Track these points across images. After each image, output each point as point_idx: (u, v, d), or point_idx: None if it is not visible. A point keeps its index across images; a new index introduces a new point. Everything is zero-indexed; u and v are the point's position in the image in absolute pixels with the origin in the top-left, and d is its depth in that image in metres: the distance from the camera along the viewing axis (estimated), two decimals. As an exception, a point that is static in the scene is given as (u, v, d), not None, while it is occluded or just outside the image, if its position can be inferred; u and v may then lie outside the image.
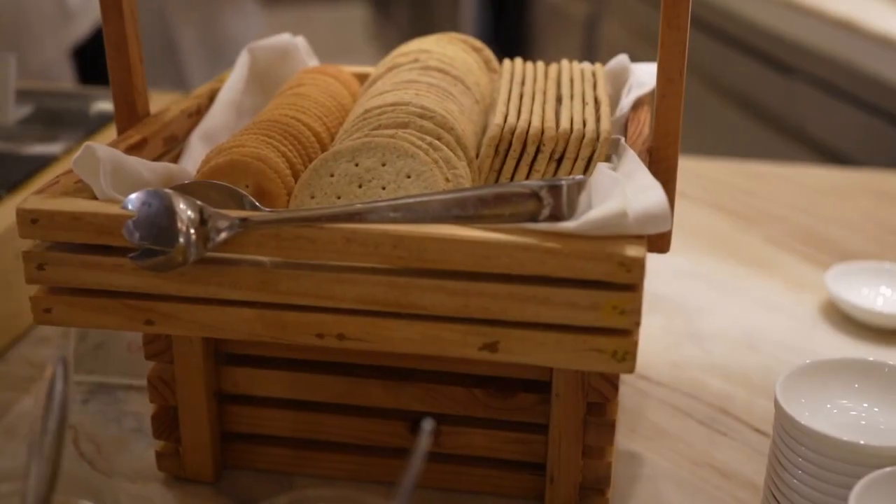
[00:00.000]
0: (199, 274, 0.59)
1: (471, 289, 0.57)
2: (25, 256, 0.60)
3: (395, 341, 0.59)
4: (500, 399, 0.67)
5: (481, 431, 0.68)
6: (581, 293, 0.57)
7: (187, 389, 0.68)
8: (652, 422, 0.78)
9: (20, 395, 0.79)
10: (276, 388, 0.69)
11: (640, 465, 0.74)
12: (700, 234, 1.08)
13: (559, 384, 0.64)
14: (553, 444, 0.66)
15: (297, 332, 0.60)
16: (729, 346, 0.88)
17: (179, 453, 0.70)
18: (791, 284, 0.98)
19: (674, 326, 0.91)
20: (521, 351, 0.58)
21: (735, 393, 0.81)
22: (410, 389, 0.67)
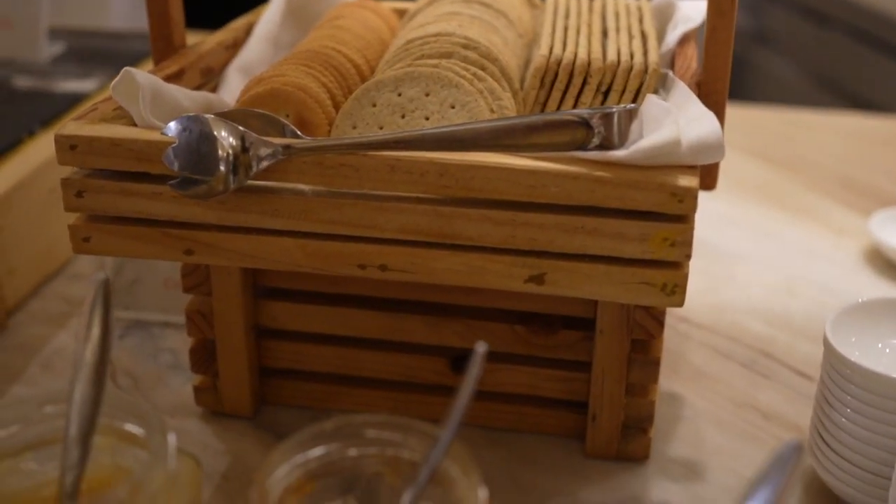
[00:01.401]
0: (240, 202, 0.58)
1: (517, 219, 0.56)
2: (64, 183, 0.60)
3: (438, 273, 0.58)
4: (542, 336, 0.66)
5: (523, 369, 0.67)
6: (630, 224, 0.55)
7: (225, 323, 0.67)
8: (692, 364, 0.77)
9: (56, 331, 0.79)
10: (315, 322, 0.68)
11: (681, 405, 0.73)
12: (739, 180, 1.06)
13: (603, 321, 0.63)
14: (596, 381, 0.65)
15: (338, 263, 0.59)
16: (769, 291, 0.86)
17: (217, 388, 0.70)
18: (832, 230, 0.96)
19: (714, 270, 0.89)
20: (568, 283, 0.57)
21: (776, 336, 0.80)
22: (451, 325, 0.67)
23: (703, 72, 0.66)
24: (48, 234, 0.84)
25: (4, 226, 0.78)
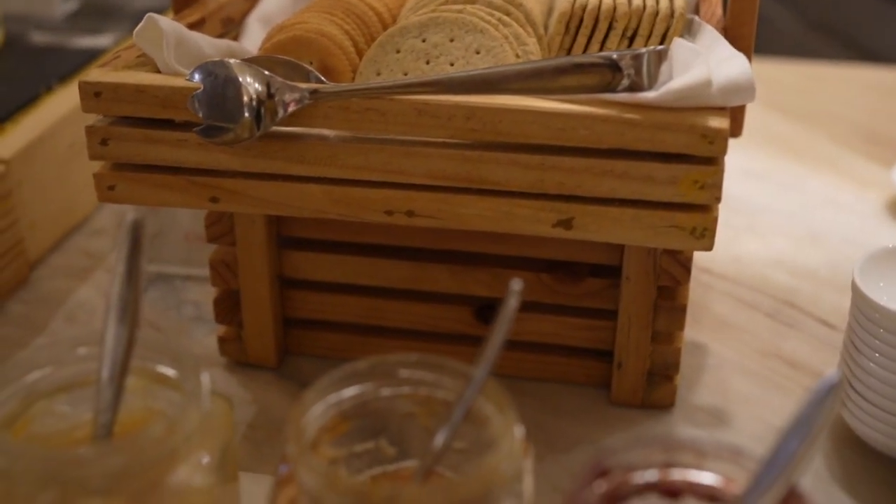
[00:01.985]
0: (266, 149, 0.58)
1: (546, 163, 0.56)
2: (88, 131, 0.59)
3: (465, 218, 0.58)
4: (568, 284, 0.66)
5: (548, 317, 0.67)
6: (660, 167, 0.55)
7: (249, 273, 0.67)
8: (716, 314, 0.77)
9: (78, 284, 0.79)
10: (339, 272, 0.68)
11: (706, 355, 0.72)
12: (760, 133, 1.05)
13: (630, 267, 0.63)
14: (622, 329, 0.65)
15: (364, 209, 0.59)
16: (792, 242, 0.86)
17: (241, 338, 0.70)
18: (855, 182, 0.96)
19: (735, 222, 0.89)
20: (597, 228, 0.57)
21: (800, 286, 0.80)
22: (476, 274, 0.66)
23: (728, 17, 0.66)
24: (68, 189, 0.84)
25: (24, 180, 0.78)
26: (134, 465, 0.41)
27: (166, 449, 0.42)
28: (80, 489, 0.40)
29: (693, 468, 0.41)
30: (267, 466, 0.61)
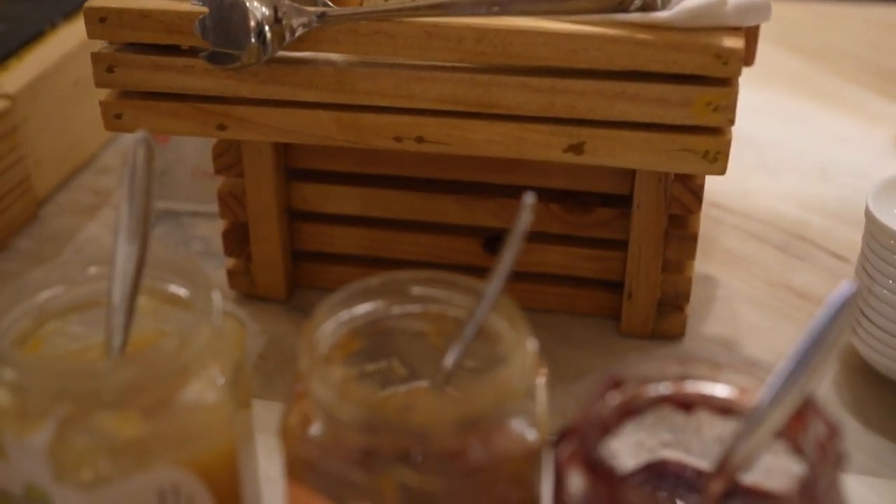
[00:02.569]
0: (273, 74, 0.57)
1: (557, 85, 0.55)
2: (94, 58, 0.59)
3: (475, 144, 0.58)
4: (578, 214, 0.65)
5: (558, 248, 0.67)
6: (673, 88, 0.54)
7: (258, 205, 0.67)
8: (726, 247, 0.76)
9: (86, 221, 0.79)
10: (347, 204, 0.67)
11: (716, 287, 0.72)
12: (768, 70, 1.04)
13: (640, 195, 0.62)
14: (632, 259, 0.64)
15: (374, 135, 0.58)
16: (803, 177, 0.85)
17: (250, 271, 0.70)
18: (866, 118, 0.95)
19: (745, 157, 0.88)
20: (608, 152, 0.56)
21: (811, 220, 0.79)
22: (485, 205, 0.66)
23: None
24: (74, 127, 0.83)
25: (30, 115, 0.77)
26: (146, 379, 0.41)
27: (178, 364, 0.42)
28: (93, 403, 0.40)
29: (707, 381, 0.41)
30: (278, 395, 0.60)
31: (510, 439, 0.40)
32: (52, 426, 0.40)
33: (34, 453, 0.40)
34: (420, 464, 0.39)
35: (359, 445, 0.39)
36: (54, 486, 0.41)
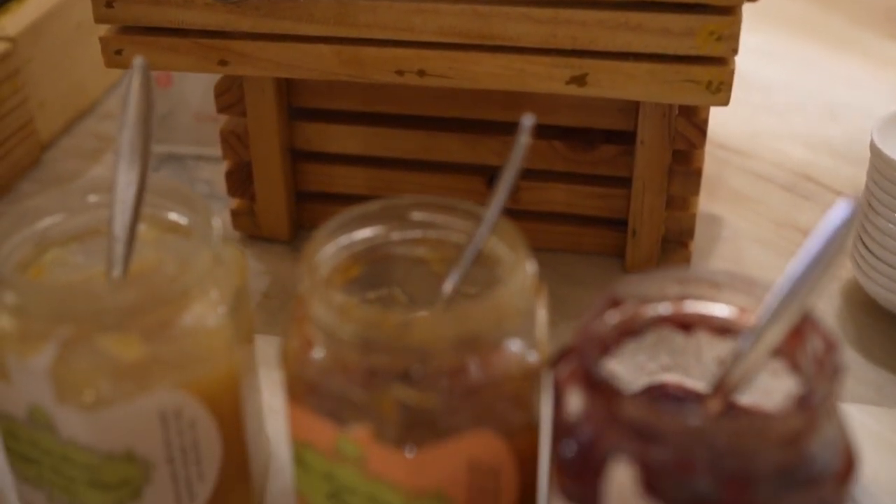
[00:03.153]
0: (274, 8, 0.57)
1: (558, 16, 0.55)
2: (94, -7, 0.58)
3: (478, 77, 0.57)
4: (581, 151, 0.65)
5: (561, 186, 0.66)
6: (676, 18, 0.54)
7: (260, 144, 0.67)
8: (732, 188, 0.76)
9: (90, 165, 0.79)
10: (350, 143, 0.67)
11: (722, 226, 0.72)
12: (775, 14, 1.03)
13: (644, 131, 0.62)
14: (636, 195, 0.64)
15: (375, 69, 0.58)
16: (810, 118, 0.85)
17: (254, 212, 0.70)
18: (873, 60, 0.94)
19: (751, 99, 0.87)
20: (610, 84, 0.56)
21: (817, 160, 0.79)
22: (488, 143, 0.66)
23: None
24: (77, 71, 0.83)
25: (32, 58, 0.77)
26: (146, 301, 0.41)
27: (178, 287, 0.42)
28: (94, 325, 0.41)
29: (707, 300, 0.41)
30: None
31: (509, 359, 0.40)
32: (53, 348, 0.40)
33: (36, 375, 0.41)
34: (419, 382, 0.39)
35: (359, 365, 0.40)
36: (57, 408, 0.41)
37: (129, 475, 0.43)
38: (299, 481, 0.44)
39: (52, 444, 0.43)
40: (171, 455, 0.43)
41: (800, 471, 0.36)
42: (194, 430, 0.44)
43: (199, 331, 0.42)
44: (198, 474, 0.45)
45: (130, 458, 0.43)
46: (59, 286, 0.40)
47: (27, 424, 0.43)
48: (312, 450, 0.42)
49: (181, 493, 0.45)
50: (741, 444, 0.34)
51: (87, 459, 0.42)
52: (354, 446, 0.40)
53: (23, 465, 0.44)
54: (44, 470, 0.44)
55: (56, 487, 0.44)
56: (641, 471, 0.35)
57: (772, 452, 0.35)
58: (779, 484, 0.35)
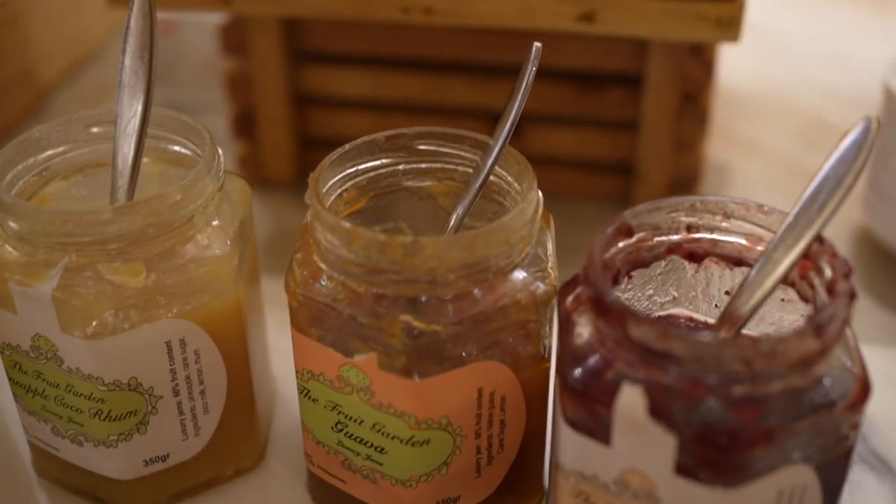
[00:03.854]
0: (278, -56, 0.56)
1: (567, -50, 0.54)
2: (95, -71, 0.57)
3: (484, 15, 0.56)
4: (588, 94, 0.64)
5: (569, 131, 0.66)
6: (686, -48, 0.53)
7: (265, 88, 0.66)
8: (742, 134, 0.75)
9: (93, 111, 0.78)
10: (356, 87, 0.67)
11: (731, 173, 0.71)
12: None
13: (652, 72, 0.61)
14: (644, 138, 0.64)
15: (379, 7, 0.57)
16: (820, 65, 0.84)
17: (259, 157, 0.69)
18: (885, 9, 0.93)
19: (762, 46, 0.86)
20: (619, 21, 0.55)
21: (828, 107, 0.78)
22: (495, 86, 0.65)
23: None
24: (78, 18, 0.82)
25: (32, 3, 0.76)
26: (151, 228, 0.40)
27: (182, 214, 0.41)
28: (99, 253, 0.40)
29: (718, 231, 0.41)
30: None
31: (518, 288, 0.40)
32: (57, 276, 0.40)
33: (40, 304, 0.40)
34: (426, 309, 0.39)
35: (365, 292, 0.39)
36: (61, 337, 0.41)
37: (134, 406, 0.43)
38: (305, 413, 0.44)
39: (56, 374, 0.42)
40: (177, 386, 0.43)
41: (810, 396, 0.35)
42: (200, 360, 0.43)
43: (203, 260, 0.42)
44: (203, 407, 0.45)
45: (136, 388, 0.42)
46: (62, 212, 0.40)
47: (32, 355, 0.42)
48: (318, 380, 0.42)
49: (187, 426, 0.45)
50: (752, 368, 0.34)
51: (92, 390, 0.42)
52: (361, 375, 0.40)
53: (28, 397, 0.44)
54: (49, 402, 0.44)
55: (62, 420, 0.44)
56: (651, 395, 0.35)
57: (782, 376, 0.34)
58: (789, 409, 0.35)
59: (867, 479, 0.48)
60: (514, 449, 0.43)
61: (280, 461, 0.49)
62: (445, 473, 0.42)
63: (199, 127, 0.44)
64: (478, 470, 0.43)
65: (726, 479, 0.35)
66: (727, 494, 0.35)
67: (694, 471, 0.35)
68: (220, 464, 0.47)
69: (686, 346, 0.34)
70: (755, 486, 0.35)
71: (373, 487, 0.43)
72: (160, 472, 0.45)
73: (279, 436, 0.50)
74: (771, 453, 0.35)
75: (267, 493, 0.47)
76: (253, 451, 0.48)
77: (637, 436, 0.35)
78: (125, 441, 0.43)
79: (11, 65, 0.74)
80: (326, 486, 0.45)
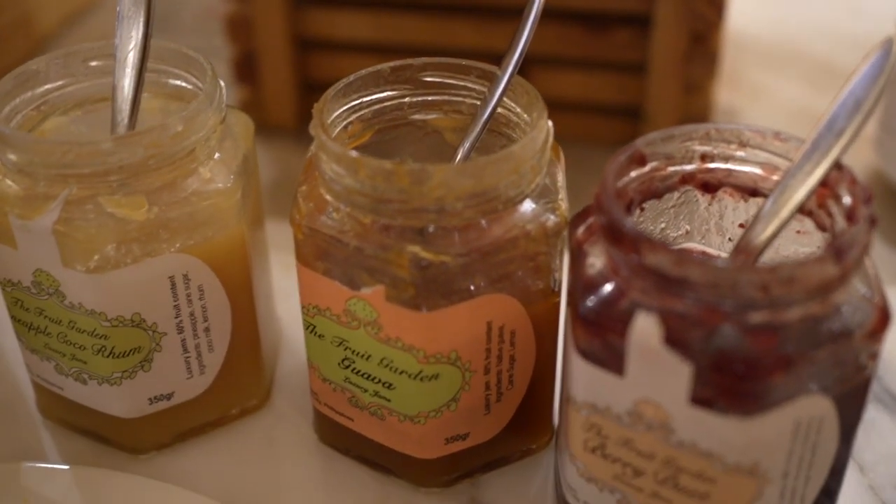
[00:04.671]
0: None
1: None
2: None
3: (491, -50, 0.55)
4: (596, 36, 0.63)
5: (575, 73, 0.65)
6: None
7: (267, 31, 0.65)
8: (752, 79, 0.74)
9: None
10: (359, 30, 0.65)
11: (739, 116, 0.70)
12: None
13: (660, 12, 0.60)
14: (652, 80, 0.62)
15: (385, -57, 0.56)
16: (833, 11, 0.82)
17: (261, 102, 0.68)
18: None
19: (772, -6, 0.85)
20: (629, -45, 0.54)
21: (839, 54, 0.77)
22: (501, 29, 0.64)
23: None
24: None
25: (31, -51, 0.75)
26: (153, 160, 0.39)
27: (184, 146, 0.40)
28: (100, 185, 0.39)
29: (733, 160, 0.40)
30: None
31: (527, 219, 0.39)
32: (57, 209, 0.39)
33: (41, 237, 0.40)
34: (434, 239, 0.38)
35: (371, 223, 0.38)
36: (63, 272, 0.40)
37: (138, 343, 0.42)
38: (311, 350, 0.43)
39: (59, 311, 0.42)
40: (181, 323, 0.43)
41: (829, 324, 0.34)
42: (204, 297, 0.43)
43: (206, 193, 0.41)
44: (208, 345, 0.44)
45: (139, 324, 0.42)
46: (62, 142, 0.39)
47: (34, 291, 0.42)
48: (324, 315, 0.41)
49: (191, 364, 0.44)
50: (769, 294, 0.33)
51: (94, 326, 0.41)
52: (368, 308, 0.39)
53: (30, 335, 0.44)
54: (51, 340, 0.43)
55: (65, 357, 0.43)
56: (666, 324, 0.34)
57: (801, 303, 0.34)
58: (807, 337, 0.34)
59: (881, 417, 0.48)
60: (524, 385, 0.43)
61: (286, 401, 0.48)
62: (454, 410, 0.41)
63: (201, 59, 0.43)
64: (487, 406, 0.42)
65: (742, 408, 0.34)
66: (743, 424, 0.34)
67: (709, 400, 0.34)
68: (226, 403, 0.46)
69: (702, 271, 0.33)
70: (771, 417, 0.35)
71: (380, 425, 0.42)
72: (165, 412, 0.45)
73: (284, 377, 0.50)
74: (788, 382, 0.34)
75: (273, 433, 0.47)
76: (258, 390, 0.47)
77: (651, 365, 0.35)
78: (129, 379, 0.43)
79: (9, 13, 0.73)
80: (333, 424, 0.45)
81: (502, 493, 0.44)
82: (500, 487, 0.44)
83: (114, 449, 0.46)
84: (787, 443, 0.35)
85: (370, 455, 0.45)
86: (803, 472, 0.37)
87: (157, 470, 0.45)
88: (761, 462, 0.36)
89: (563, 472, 0.41)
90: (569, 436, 0.39)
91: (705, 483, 0.36)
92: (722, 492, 0.36)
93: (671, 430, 0.36)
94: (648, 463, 0.37)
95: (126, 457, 0.45)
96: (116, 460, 0.45)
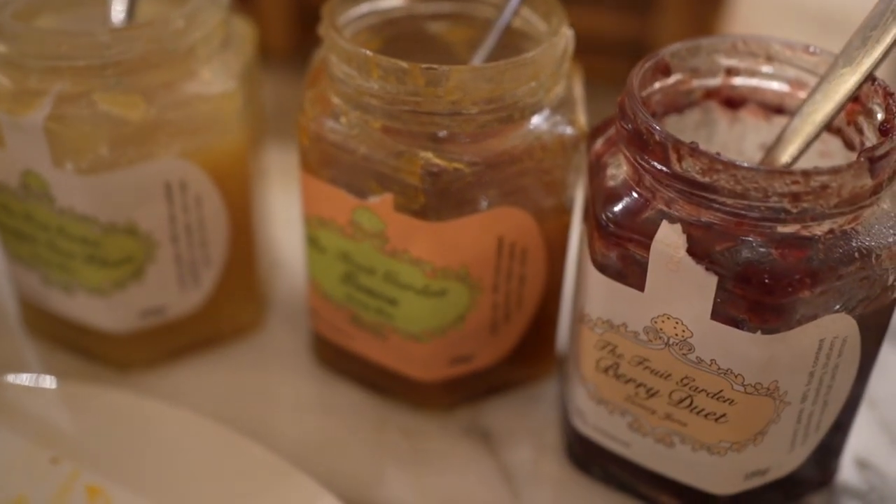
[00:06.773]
0: None
1: None
2: None
3: None
4: (605, -32, 0.61)
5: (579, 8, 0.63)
6: None
7: (264, -47, 0.63)
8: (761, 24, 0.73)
9: None
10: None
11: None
12: None
13: (675, -56, 0.58)
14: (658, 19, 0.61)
15: None
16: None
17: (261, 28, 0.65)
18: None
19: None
20: None
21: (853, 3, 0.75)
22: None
23: None
24: None
25: None
26: (151, 56, 0.37)
27: (184, 44, 0.38)
28: (95, 80, 0.37)
29: (759, 76, 0.38)
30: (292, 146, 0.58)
31: (544, 129, 0.37)
32: (49, 104, 0.37)
33: (31, 135, 0.37)
34: (447, 146, 0.36)
35: (381, 128, 0.36)
36: (53, 173, 0.38)
37: (130, 252, 0.40)
38: (312, 265, 0.41)
39: (48, 215, 0.40)
40: (176, 232, 0.41)
41: (858, 241, 0.33)
42: (201, 207, 0.41)
43: (206, 96, 0.39)
44: (203, 258, 0.42)
45: (132, 231, 0.40)
46: (56, 31, 0.37)
47: (21, 194, 0.40)
48: (328, 227, 0.39)
49: (185, 277, 0.42)
50: (799, 204, 0.32)
51: (85, 232, 0.39)
52: (374, 219, 0.38)
53: (16, 242, 0.42)
54: (39, 247, 0.41)
55: (52, 266, 0.41)
56: (690, 234, 0.33)
57: (831, 216, 0.32)
58: (835, 252, 0.33)
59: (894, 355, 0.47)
60: (532, 307, 0.41)
61: (281, 323, 0.47)
62: (461, 329, 0.40)
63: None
64: (493, 327, 0.40)
65: (767, 323, 0.33)
66: (766, 341, 0.33)
67: (733, 315, 0.33)
68: (219, 321, 0.44)
69: (732, 177, 0.32)
70: (795, 334, 0.33)
71: (382, 344, 0.41)
72: (156, 328, 0.43)
73: (280, 302, 0.48)
74: (814, 298, 0.33)
75: (267, 354, 0.45)
76: (253, 309, 0.46)
77: (674, 278, 0.33)
78: (119, 289, 0.41)
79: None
80: (331, 345, 0.43)
81: (502, 420, 0.43)
82: (501, 414, 0.43)
83: (102, 365, 0.44)
84: (809, 362, 0.34)
85: (369, 377, 0.43)
86: (821, 396, 0.36)
87: (146, 388, 0.43)
88: (781, 382, 0.34)
89: (571, 396, 0.40)
90: (580, 357, 0.38)
91: (722, 404, 0.35)
92: (739, 414, 0.35)
93: (690, 348, 0.34)
94: (663, 383, 0.36)
95: (114, 373, 0.44)
96: (104, 377, 0.43)
